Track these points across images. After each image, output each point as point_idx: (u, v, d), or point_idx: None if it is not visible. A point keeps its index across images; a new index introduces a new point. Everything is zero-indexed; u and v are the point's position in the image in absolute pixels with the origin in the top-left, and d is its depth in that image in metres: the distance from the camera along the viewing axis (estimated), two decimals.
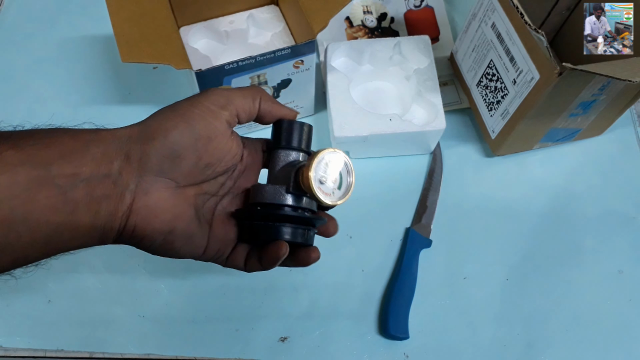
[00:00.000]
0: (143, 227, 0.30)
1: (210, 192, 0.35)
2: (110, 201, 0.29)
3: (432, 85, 0.54)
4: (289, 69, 0.51)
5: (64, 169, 0.27)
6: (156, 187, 0.30)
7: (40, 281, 0.50)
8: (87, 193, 0.28)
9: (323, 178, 0.34)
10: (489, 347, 0.49)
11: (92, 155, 0.28)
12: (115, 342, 0.48)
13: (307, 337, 0.49)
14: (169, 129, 0.30)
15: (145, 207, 0.30)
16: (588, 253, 0.53)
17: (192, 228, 0.33)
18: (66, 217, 0.27)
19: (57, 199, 0.27)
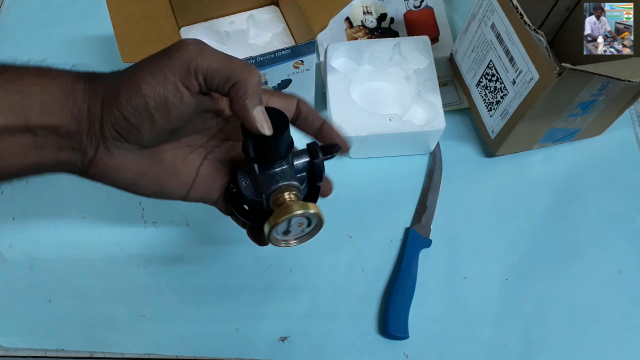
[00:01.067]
0: (102, 178, 0.32)
1: (195, 145, 0.35)
2: (74, 152, 0.31)
3: (431, 85, 0.54)
4: (289, 69, 0.51)
5: (42, 120, 0.29)
6: (118, 149, 0.31)
7: (41, 281, 0.51)
8: (56, 142, 0.30)
9: (287, 231, 0.34)
10: (489, 347, 0.49)
11: (69, 110, 0.29)
12: (115, 342, 0.48)
13: (307, 337, 0.49)
14: (122, 102, 0.29)
15: (104, 164, 0.31)
16: (588, 253, 0.53)
17: (161, 182, 0.34)
18: (33, 158, 0.30)
19: (29, 143, 0.29)
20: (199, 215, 0.54)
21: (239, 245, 0.52)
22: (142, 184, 0.33)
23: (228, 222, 0.53)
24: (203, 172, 0.35)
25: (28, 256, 0.52)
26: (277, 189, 0.33)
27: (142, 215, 0.54)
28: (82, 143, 0.30)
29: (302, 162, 0.35)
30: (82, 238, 0.53)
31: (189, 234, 0.53)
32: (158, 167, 0.33)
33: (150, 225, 0.53)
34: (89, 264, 0.51)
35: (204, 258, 0.52)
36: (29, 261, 0.51)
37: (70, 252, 0.52)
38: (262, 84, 0.50)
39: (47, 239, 0.52)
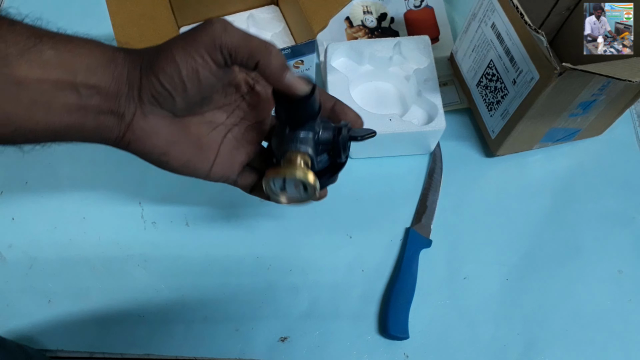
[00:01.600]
0: (136, 144, 0.34)
1: (217, 122, 0.38)
2: (113, 116, 0.32)
3: (432, 85, 0.54)
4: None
5: (87, 79, 0.31)
6: (153, 114, 0.33)
7: (41, 281, 0.50)
8: (98, 104, 0.32)
9: (283, 189, 0.37)
10: (489, 347, 0.49)
11: (111, 73, 0.32)
12: (115, 342, 0.48)
13: (307, 337, 0.49)
14: (159, 70, 0.32)
15: (140, 128, 0.33)
16: (588, 253, 0.53)
17: (189, 154, 0.36)
18: (77, 118, 0.31)
19: (74, 102, 0.31)
20: (198, 215, 0.54)
21: (239, 245, 0.52)
22: (172, 154, 0.35)
23: (228, 222, 0.54)
24: (223, 149, 0.38)
25: (28, 256, 0.52)
26: (290, 150, 0.36)
27: (142, 215, 0.54)
28: (121, 106, 0.32)
29: (327, 136, 0.37)
30: (82, 238, 0.52)
31: (188, 234, 0.53)
32: (186, 138, 0.36)
33: (150, 225, 0.53)
34: (88, 264, 0.51)
35: (204, 258, 0.52)
36: (29, 261, 0.51)
37: (70, 252, 0.52)
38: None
39: (46, 239, 0.52)
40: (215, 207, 0.54)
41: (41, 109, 0.30)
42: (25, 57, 0.29)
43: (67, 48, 0.30)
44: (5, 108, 0.29)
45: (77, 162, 0.56)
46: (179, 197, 0.55)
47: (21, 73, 0.29)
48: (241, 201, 0.54)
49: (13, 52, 0.28)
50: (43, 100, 0.30)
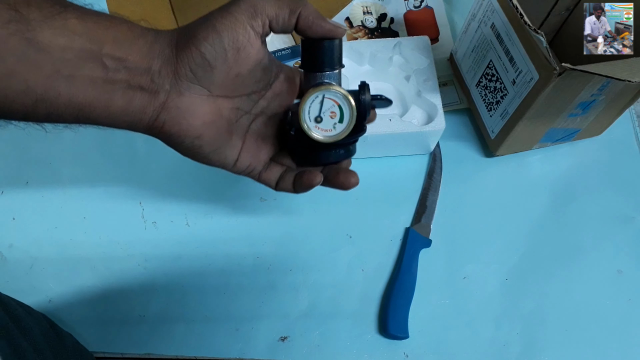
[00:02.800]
0: (171, 125, 0.32)
1: (244, 109, 0.37)
2: (145, 94, 0.31)
3: (431, 85, 0.54)
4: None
5: (113, 51, 0.30)
6: (190, 91, 0.32)
7: (41, 281, 0.51)
8: (127, 79, 0.30)
9: (318, 118, 0.35)
10: (489, 347, 0.49)
11: (140, 48, 0.31)
12: (115, 341, 0.48)
13: (307, 337, 0.49)
14: (200, 40, 0.31)
15: (176, 107, 0.32)
16: (587, 253, 0.53)
17: (221, 139, 0.35)
18: (102, 93, 0.30)
19: (99, 74, 0.30)
20: (199, 215, 0.54)
21: (239, 245, 0.53)
22: (206, 137, 0.34)
23: (228, 222, 0.54)
24: (249, 139, 0.37)
25: (28, 256, 0.52)
26: (325, 82, 0.35)
27: (142, 215, 0.54)
28: (154, 83, 0.31)
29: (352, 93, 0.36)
30: (82, 238, 0.53)
31: (189, 234, 0.53)
32: (220, 119, 0.34)
33: (151, 225, 0.53)
34: (89, 264, 0.51)
35: (204, 258, 0.52)
36: (29, 261, 0.52)
37: (71, 252, 0.52)
38: None
39: (47, 238, 0.53)
40: (215, 207, 0.54)
41: (64, 79, 0.29)
42: (49, 23, 0.27)
43: (93, 20, 0.29)
44: (26, 75, 0.28)
45: (78, 162, 0.56)
46: (179, 197, 0.55)
47: (44, 39, 0.27)
48: (241, 201, 0.54)
49: (37, 17, 0.27)
50: (66, 70, 0.28)
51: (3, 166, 0.56)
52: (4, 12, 0.26)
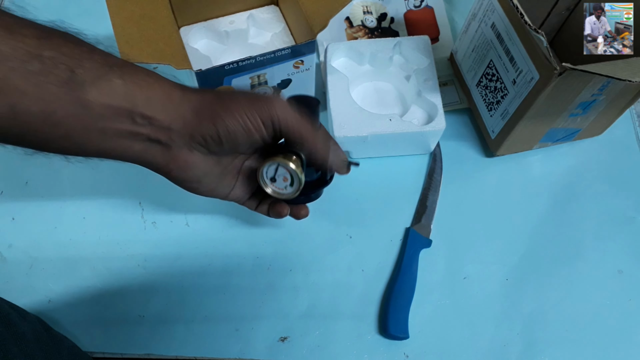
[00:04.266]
0: (177, 173, 0.38)
1: (240, 159, 0.43)
2: (160, 146, 0.36)
3: (432, 85, 0.54)
4: (289, 69, 0.51)
5: (145, 110, 0.34)
6: (197, 150, 0.38)
7: (41, 281, 0.50)
8: (149, 133, 0.35)
9: (273, 178, 0.42)
10: (489, 347, 0.49)
11: (167, 109, 0.35)
12: (115, 342, 0.48)
13: (307, 337, 0.49)
14: (219, 119, 0.36)
15: (184, 161, 0.37)
16: (588, 253, 0.53)
17: (215, 182, 0.41)
18: (125, 141, 0.34)
19: (127, 128, 0.34)
20: (198, 215, 0.54)
21: (239, 245, 0.53)
22: (203, 183, 0.41)
23: (228, 222, 0.54)
24: (242, 177, 0.43)
25: (28, 256, 0.52)
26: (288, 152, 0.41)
27: (142, 215, 0.54)
28: (171, 139, 0.36)
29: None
30: (82, 238, 0.53)
31: (189, 234, 0.53)
32: (217, 168, 0.41)
33: (150, 225, 0.53)
34: (88, 264, 0.51)
35: (204, 258, 0.52)
36: (29, 261, 0.51)
37: (70, 252, 0.52)
38: (263, 86, 0.51)
39: (47, 239, 0.52)
40: (215, 207, 0.54)
41: (98, 130, 0.33)
42: (97, 84, 0.31)
43: (132, 79, 0.33)
44: (68, 125, 0.31)
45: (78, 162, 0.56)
46: (179, 198, 0.54)
47: (90, 98, 0.31)
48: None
49: (88, 79, 0.31)
50: (102, 123, 0.32)
51: (3, 166, 0.56)
52: (62, 73, 0.30)
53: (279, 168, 0.41)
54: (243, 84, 0.50)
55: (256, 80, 0.50)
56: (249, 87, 0.51)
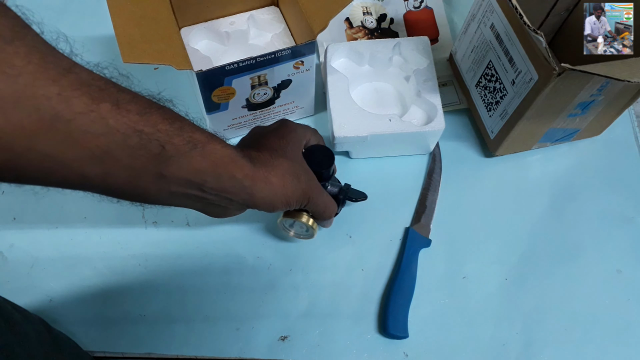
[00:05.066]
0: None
1: None
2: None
3: (431, 85, 0.55)
4: (289, 69, 0.51)
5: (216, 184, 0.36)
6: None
7: (42, 281, 0.51)
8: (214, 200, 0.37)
9: (291, 226, 0.50)
10: (488, 346, 0.49)
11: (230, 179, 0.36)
12: (115, 341, 0.49)
13: (307, 336, 0.49)
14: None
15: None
16: (587, 253, 0.53)
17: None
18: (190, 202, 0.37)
19: (195, 194, 0.35)
20: (199, 216, 0.54)
21: (239, 245, 0.53)
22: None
23: (228, 222, 0.54)
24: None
25: (29, 256, 0.52)
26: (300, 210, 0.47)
27: (143, 215, 0.54)
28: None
29: (334, 191, 0.49)
30: (83, 238, 0.53)
31: (189, 234, 0.53)
32: None
33: (151, 225, 0.54)
34: (89, 264, 0.51)
35: (204, 258, 0.52)
36: (30, 261, 0.52)
37: (71, 252, 0.52)
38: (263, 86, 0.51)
39: (48, 238, 0.53)
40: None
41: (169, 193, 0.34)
42: (177, 159, 0.32)
43: (211, 157, 0.34)
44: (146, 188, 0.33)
45: None
46: None
47: (171, 170, 0.33)
48: None
49: (173, 154, 0.32)
50: (174, 188, 0.34)
51: None
52: (154, 148, 0.31)
53: (295, 222, 0.48)
54: (243, 84, 0.50)
55: (256, 81, 0.51)
56: (249, 87, 0.51)
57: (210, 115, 0.53)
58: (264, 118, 0.57)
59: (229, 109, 0.53)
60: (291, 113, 0.58)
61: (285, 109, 0.57)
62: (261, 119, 0.57)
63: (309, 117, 0.60)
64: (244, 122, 0.56)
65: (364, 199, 0.51)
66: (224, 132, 0.57)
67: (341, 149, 0.55)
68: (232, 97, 0.51)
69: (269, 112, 0.56)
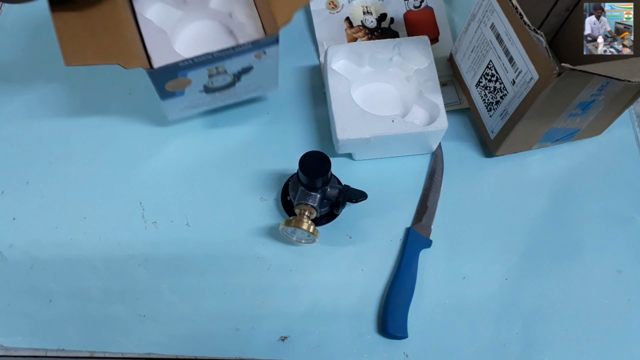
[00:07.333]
0: None
1: None
2: None
3: (432, 85, 0.55)
4: (250, 59, 0.49)
5: None
6: None
7: (41, 281, 0.51)
8: None
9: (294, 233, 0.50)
10: (488, 347, 0.49)
11: None
12: (115, 341, 0.48)
13: (307, 337, 0.49)
14: None
15: None
16: (587, 253, 0.53)
17: None
18: None
19: None
20: (199, 215, 0.54)
21: (239, 245, 0.53)
22: None
23: (228, 222, 0.54)
24: None
25: (28, 256, 0.52)
26: (303, 203, 0.49)
27: (143, 215, 0.54)
28: None
29: (333, 194, 0.50)
30: (83, 238, 0.53)
31: (189, 234, 0.53)
32: None
33: (151, 225, 0.53)
34: (89, 264, 0.51)
35: (204, 258, 0.52)
36: (30, 261, 0.52)
37: (71, 252, 0.52)
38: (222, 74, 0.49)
39: (47, 239, 0.53)
40: (215, 207, 0.54)
41: None
42: None
43: None
44: None
45: (78, 162, 0.56)
46: (179, 197, 0.55)
47: None
48: (241, 201, 0.54)
49: None
50: None
51: (3, 166, 0.56)
52: None
53: (297, 230, 0.49)
54: (199, 76, 0.48)
55: (214, 72, 0.48)
56: (207, 76, 0.49)
57: (165, 101, 0.50)
58: (225, 98, 0.55)
59: (185, 94, 0.51)
60: (253, 91, 0.56)
61: (247, 89, 0.54)
62: (221, 99, 0.55)
63: (310, 122, 0.59)
64: (202, 103, 0.54)
65: (364, 198, 0.50)
66: (181, 113, 0.54)
67: (344, 151, 0.55)
68: (188, 85, 0.49)
69: (229, 92, 0.54)
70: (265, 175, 0.56)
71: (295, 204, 0.50)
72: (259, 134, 0.58)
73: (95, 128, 0.58)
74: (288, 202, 0.53)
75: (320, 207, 0.50)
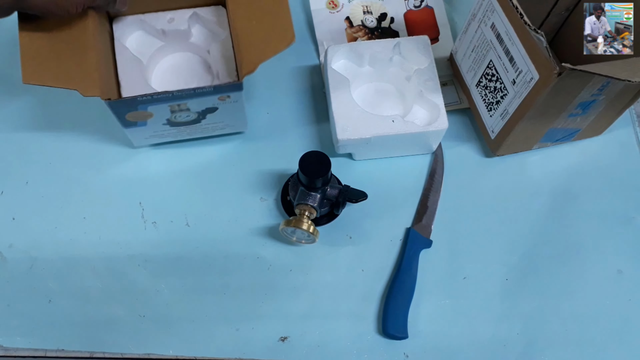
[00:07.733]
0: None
1: None
2: None
3: (433, 85, 0.54)
4: (213, 101, 0.48)
5: None
6: None
7: (41, 281, 0.51)
8: None
9: (294, 233, 0.50)
10: (489, 347, 0.49)
11: None
12: (115, 341, 0.48)
13: (307, 337, 0.49)
14: None
15: None
16: (587, 253, 0.53)
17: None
18: None
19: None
20: (199, 215, 0.54)
21: (239, 245, 0.53)
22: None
23: (228, 222, 0.54)
24: None
25: (28, 256, 0.52)
26: (303, 203, 0.49)
27: (142, 215, 0.54)
28: None
29: (333, 194, 0.50)
30: (82, 238, 0.53)
31: (189, 234, 0.53)
32: None
33: (150, 225, 0.53)
34: (89, 264, 0.51)
35: (204, 258, 0.52)
36: (29, 261, 0.52)
37: (71, 252, 0.52)
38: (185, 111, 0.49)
39: (47, 239, 0.52)
40: (215, 207, 0.54)
41: None
42: None
43: None
44: None
45: (77, 162, 0.56)
46: (179, 197, 0.55)
47: None
48: (241, 201, 0.54)
49: None
50: None
51: (3, 166, 0.56)
52: None
53: (296, 230, 0.49)
54: (161, 112, 0.48)
55: (176, 108, 0.48)
56: (169, 112, 0.48)
57: (128, 129, 0.50)
58: (191, 132, 0.54)
59: (148, 125, 0.50)
60: (221, 129, 0.55)
61: (214, 127, 0.53)
62: (187, 132, 0.54)
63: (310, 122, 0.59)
64: (168, 134, 0.53)
65: (364, 198, 0.50)
66: (147, 141, 0.54)
67: (344, 151, 0.55)
68: (150, 117, 0.48)
69: (195, 128, 0.53)
70: (265, 175, 0.55)
71: (295, 204, 0.50)
72: (258, 134, 0.58)
73: (94, 128, 0.58)
74: (288, 202, 0.53)
75: (320, 207, 0.49)
